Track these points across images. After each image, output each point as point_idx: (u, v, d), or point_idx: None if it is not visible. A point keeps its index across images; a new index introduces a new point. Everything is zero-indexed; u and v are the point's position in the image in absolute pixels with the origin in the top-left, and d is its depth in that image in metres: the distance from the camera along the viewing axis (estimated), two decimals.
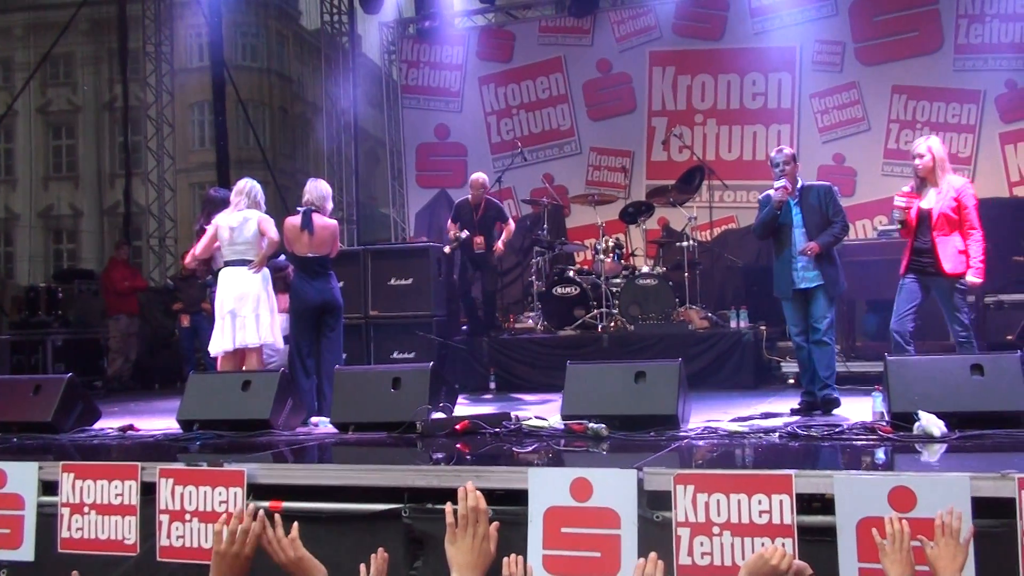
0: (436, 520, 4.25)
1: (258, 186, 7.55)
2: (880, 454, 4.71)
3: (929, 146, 6.65)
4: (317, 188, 7.59)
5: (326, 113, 16.77)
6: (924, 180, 6.67)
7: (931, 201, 6.60)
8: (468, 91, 15.40)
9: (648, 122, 14.34)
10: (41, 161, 31.25)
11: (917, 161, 6.66)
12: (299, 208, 7.49)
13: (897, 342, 6.66)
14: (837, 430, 5.31)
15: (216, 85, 15.52)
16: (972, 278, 6.48)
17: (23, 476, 4.97)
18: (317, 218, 7.42)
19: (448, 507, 3.04)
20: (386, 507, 4.38)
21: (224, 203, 7.66)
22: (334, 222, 7.72)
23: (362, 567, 3.18)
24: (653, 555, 3.01)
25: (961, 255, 6.50)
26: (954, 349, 6.66)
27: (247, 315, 7.16)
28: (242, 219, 7.30)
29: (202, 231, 7.69)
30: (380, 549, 3.24)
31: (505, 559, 3.04)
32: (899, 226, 6.77)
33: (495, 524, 3.07)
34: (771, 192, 6.98)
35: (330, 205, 7.68)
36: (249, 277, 7.23)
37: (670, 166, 13.50)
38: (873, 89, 13.18)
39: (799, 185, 7.00)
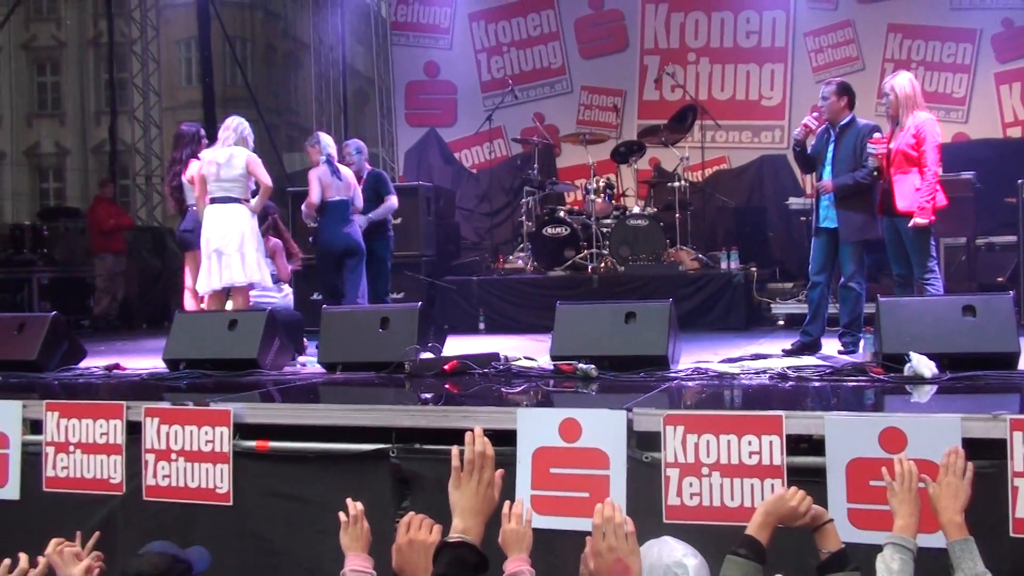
0: (424, 460, 4.24)
1: (247, 124, 7.53)
2: (871, 395, 4.70)
3: (892, 85, 6.42)
4: (330, 141, 8.17)
5: (314, 50, 16.49)
6: (895, 119, 6.46)
7: (895, 140, 6.43)
8: (458, 28, 15.11)
9: (640, 60, 14.13)
10: (25, 98, 30.85)
11: (884, 100, 6.50)
12: (321, 161, 7.93)
13: (897, 283, 6.63)
14: (828, 371, 5.30)
15: (201, 21, 15.19)
16: (916, 218, 6.20)
17: (7, 414, 4.94)
18: (339, 166, 8.05)
19: (455, 450, 2.93)
20: (374, 447, 4.35)
21: (194, 137, 7.91)
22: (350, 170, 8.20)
23: (341, 515, 3.13)
24: (608, 499, 2.94)
25: (918, 193, 6.25)
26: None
27: (232, 253, 7.07)
28: (229, 155, 7.20)
29: (175, 164, 7.91)
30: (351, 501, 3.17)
31: (506, 503, 2.98)
32: (875, 174, 6.48)
33: (500, 471, 2.94)
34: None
35: (335, 153, 8.16)
36: (234, 214, 7.14)
37: (662, 105, 13.30)
38: (868, 28, 12.97)
39: (843, 121, 6.70)
